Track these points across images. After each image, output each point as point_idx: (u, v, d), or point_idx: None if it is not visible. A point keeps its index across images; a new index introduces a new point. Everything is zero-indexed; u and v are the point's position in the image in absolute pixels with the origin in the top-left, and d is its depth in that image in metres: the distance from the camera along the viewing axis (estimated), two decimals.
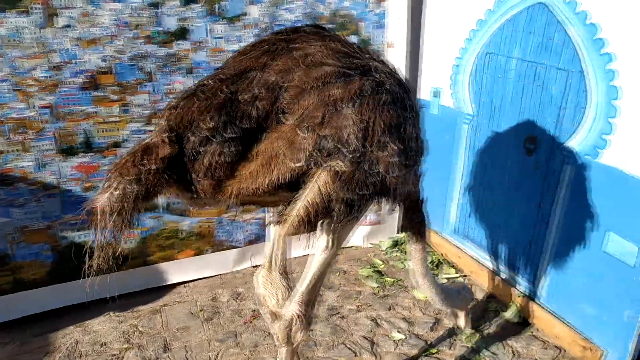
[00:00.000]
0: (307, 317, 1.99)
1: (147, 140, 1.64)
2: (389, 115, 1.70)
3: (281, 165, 1.61)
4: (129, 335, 3.22)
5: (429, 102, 3.69)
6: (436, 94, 3.61)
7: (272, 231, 2.28)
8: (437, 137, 3.69)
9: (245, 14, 3.26)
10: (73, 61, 3.02)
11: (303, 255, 3.87)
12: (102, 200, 1.56)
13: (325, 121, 1.62)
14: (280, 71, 1.70)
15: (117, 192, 1.56)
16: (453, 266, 3.73)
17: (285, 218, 1.66)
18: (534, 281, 3.11)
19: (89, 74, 3.07)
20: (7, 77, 2.92)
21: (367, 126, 1.65)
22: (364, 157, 1.65)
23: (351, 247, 4.05)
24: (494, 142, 3.24)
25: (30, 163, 3.10)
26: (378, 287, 3.56)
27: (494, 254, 3.41)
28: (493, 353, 2.95)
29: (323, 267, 1.98)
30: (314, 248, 2.02)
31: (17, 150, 3.06)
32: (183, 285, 3.69)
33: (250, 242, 3.82)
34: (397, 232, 4.15)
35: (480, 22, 3.14)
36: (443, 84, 3.52)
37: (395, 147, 1.69)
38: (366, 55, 1.88)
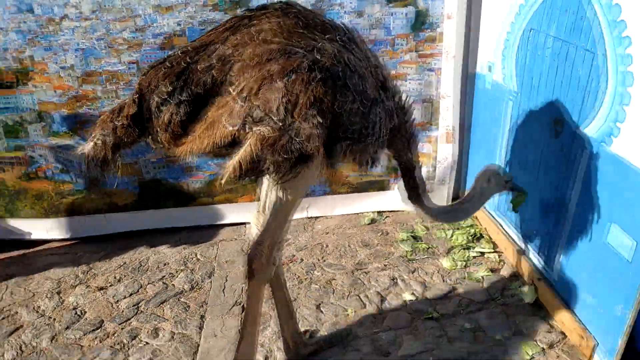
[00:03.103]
0: (266, 257, 2.29)
1: (124, 100, 2.06)
2: (320, 91, 1.91)
3: (222, 129, 1.92)
4: (186, 260, 3.82)
5: (484, 76, 3.67)
6: (490, 69, 3.58)
7: (264, 183, 2.59)
8: (487, 112, 3.69)
9: None
10: (154, 24, 3.56)
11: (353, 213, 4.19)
12: (88, 148, 2.02)
13: (259, 92, 1.89)
14: (236, 45, 1.99)
15: (99, 142, 2.01)
16: (492, 242, 3.75)
17: (225, 170, 1.98)
18: (551, 265, 3.07)
19: (167, 36, 3.60)
20: (103, 37, 3.56)
21: (296, 99, 1.89)
22: (291, 126, 1.89)
23: (401, 211, 4.22)
24: (531, 121, 3.18)
25: None
26: (410, 251, 3.73)
27: (523, 234, 3.39)
28: (492, 327, 3.02)
29: (279, 216, 2.26)
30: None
31: (111, 97, 3.73)
32: (243, 225, 4.20)
33: (306, 195, 4.18)
34: (449, 201, 4.23)
35: None
36: (495, 59, 3.49)
37: (320, 121, 1.90)
38: (326, 36, 2.08)
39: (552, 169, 3.00)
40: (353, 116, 2.04)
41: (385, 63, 2.93)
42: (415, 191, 2.79)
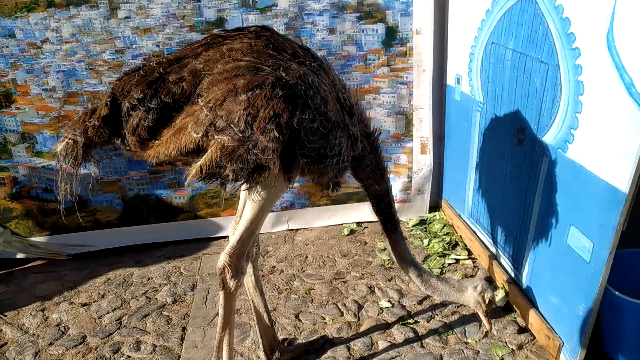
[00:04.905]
0: (235, 267, 2.38)
1: (98, 104, 2.16)
2: (280, 107, 2.01)
3: (187, 135, 2.03)
4: (170, 274, 3.90)
5: (454, 88, 3.80)
6: (458, 81, 3.71)
7: (241, 196, 2.68)
8: (457, 123, 3.81)
9: (275, 5, 3.66)
10: (133, 46, 3.68)
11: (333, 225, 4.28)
12: (60, 146, 2.12)
13: (224, 103, 2.00)
14: (207, 61, 2.11)
15: (70, 141, 2.11)
16: (467, 249, 3.85)
17: (188, 172, 2.08)
18: (520, 268, 3.18)
19: (146, 57, 3.71)
20: (83, 59, 3.67)
21: (256, 112, 1.99)
22: (250, 138, 2.00)
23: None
24: (496, 130, 3.30)
25: None
26: (388, 260, 3.83)
27: (494, 240, 3.49)
28: (464, 330, 3.12)
29: (248, 227, 2.34)
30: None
31: None
32: (225, 239, 4.28)
33: (286, 208, 4.28)
34: (427, 212, 4.33)
35: (487, 12, 3.21)
36: (462, 71, 3.62)
37: (276, 135, 2.00)
38: (296, 60, 2.18)
39: (517, 176, 3.12)
40: (312, 135, 2.13)
41: (357, 83, 3.05)
42: (387, 223, 2.83)
